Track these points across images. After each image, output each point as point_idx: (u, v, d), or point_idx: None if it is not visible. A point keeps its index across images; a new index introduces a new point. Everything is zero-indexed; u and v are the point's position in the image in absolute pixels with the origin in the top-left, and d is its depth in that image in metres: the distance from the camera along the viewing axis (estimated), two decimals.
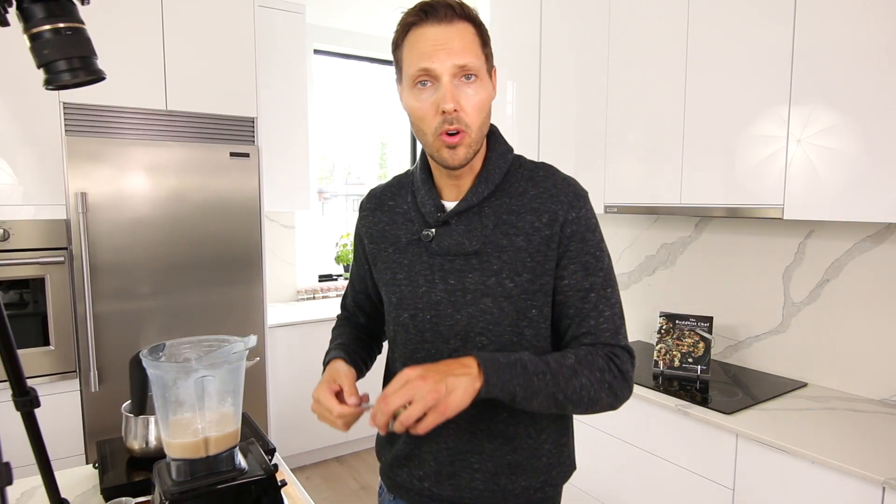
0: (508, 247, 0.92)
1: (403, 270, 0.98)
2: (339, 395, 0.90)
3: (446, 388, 0.77)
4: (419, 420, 0.77)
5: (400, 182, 1.07)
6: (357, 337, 1.14)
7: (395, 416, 0.78)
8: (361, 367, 1.08)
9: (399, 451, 1.04)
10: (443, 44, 0.85)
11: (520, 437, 0.97)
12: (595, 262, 0.93)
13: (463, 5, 0.88)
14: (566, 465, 1.04)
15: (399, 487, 1.06)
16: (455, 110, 0.85)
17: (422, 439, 0.99)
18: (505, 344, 0.92)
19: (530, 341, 0.94)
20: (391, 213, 1.03)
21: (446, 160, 0.90)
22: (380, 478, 1.13)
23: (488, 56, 0.91)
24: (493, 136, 0.99)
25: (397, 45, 0.91)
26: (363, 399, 0.91)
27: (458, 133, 0.87)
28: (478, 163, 0.96)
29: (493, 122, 0.99)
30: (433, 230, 0.96)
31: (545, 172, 0.97)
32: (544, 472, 0.99)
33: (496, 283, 0.91)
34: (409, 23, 0.88)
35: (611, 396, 0.90)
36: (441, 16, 0.85)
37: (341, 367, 0.96)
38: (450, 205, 0.97)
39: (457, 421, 0.92)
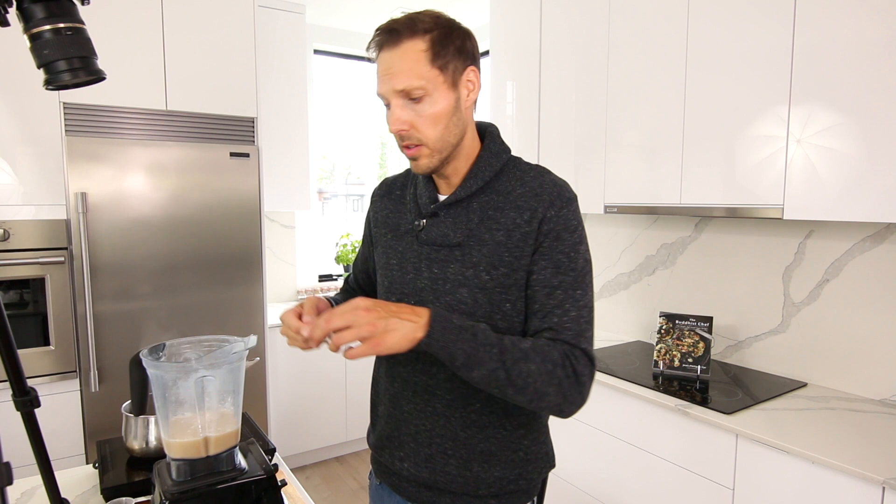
0: (489, 241, 0.95)
1: (397, 256, 1.05)
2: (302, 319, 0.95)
3: (385, 326, 0.81)
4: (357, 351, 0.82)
5: (408, 173, 1.13)
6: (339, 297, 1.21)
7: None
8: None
9: (381, 431, 1.09)
10: (386, 70, 0.91)
11: (492, 426, 0.99)
12: (567, 262, 0.93)
13: (413, 22, 0.90)
14: (543, 461, 1.05)
15: (383, 470, 1.11)
16: (403, 130, 0.92)
17: (402, 422, 1.04)
18: None
19: (503, 332, 0.95)
20: (396, 202, 1.10)
21: (413, 168, 0.98)
22: (370, 464, 1.18)
23: (445, 66, 0.91)
24: (490, 136, 1.03)
25: None
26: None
27: (415, 146, 0.94)
28: (466, 162, 1.00)
29: (495, 121, 0.99)
30: (424, 220, 1.01)
31: (536, 173, 1.00)
32: (519, 465, 1.01)
33: (474, 274, 0.95)
34: (374, 49, 0.94)
35: (559, 396, 0.88)
36: (389, 41, 0.90)
37: (312, 298, 1.00)
38: (445, 198, 1.02)
39: (434, 405, 1.00)
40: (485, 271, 0.94)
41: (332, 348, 0.82)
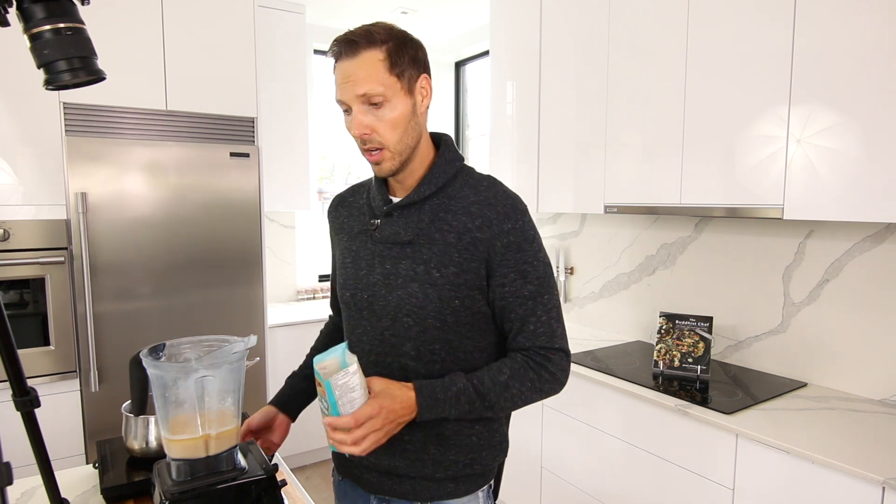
0: (439, 241, 1.02)
1: (351, 255, 1.11)
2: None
3: (393, 431, 0.96)
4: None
5: (360, 184, 1.21)
6: (325, 343, 1.32)
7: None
8: (293, 390, 1.25)
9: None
10: (347, 77, 0.96)
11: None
12: (532, 271, 1.02)
13: (370, 33, 0.96)
14: (497, 448, 1.12)
15: (344, 464, 1.16)
16: (365, 134, 0.98)
17: None
18: (428, 327, 1.02)
19: (452, 327, 1.03)
20: (349, 208, 1.17)
21: (375, 172, 1.05)
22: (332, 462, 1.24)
23: (401, 74, 0.98)
24: (445, 144, 1.10)
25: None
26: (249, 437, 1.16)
27: (377, 150, 1.00)
28: (421, 166, 1.06)
29: (493, 124, 1.02)
30: (378, 220, 1.08)
31: (488, 184, 1.07)
32: (473, 450, 1.08)
33: (424, 271, 1.02)
34: (333, 59, 1.00)
35: (540, 396, 1.04)
36: (348, 51, 0.96)
37: (264, 412, 1.18)
38: (399, 200, 1.08)
39: None
40: (435, 269, 1.01)
41: (344, 451, 0.93)
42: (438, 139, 1.11)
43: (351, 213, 1.16)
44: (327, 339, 1.32)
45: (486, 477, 1.11)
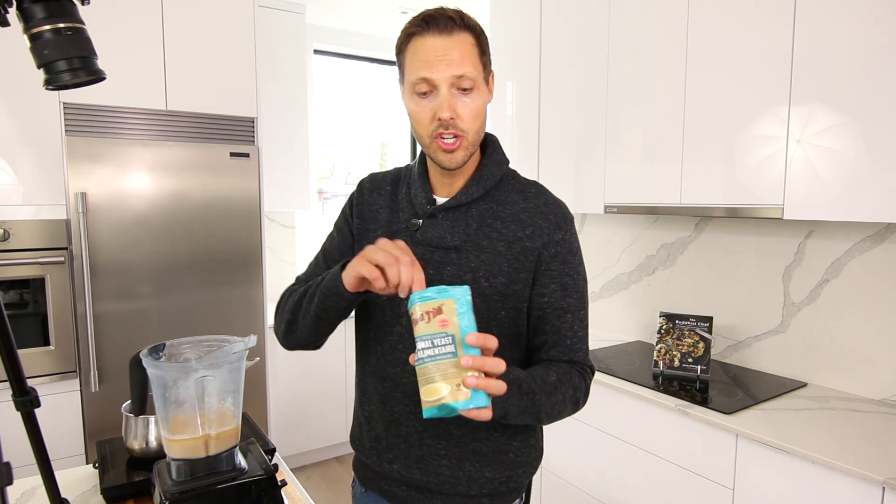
0: (488, 248, 0.97)
1: None
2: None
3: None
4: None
5: (399, 173, 1.11)
6: None
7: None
8: None
9: (369, 433, 1.07)
10: (443, 55, 0.89)
11: (484, 427, 1.00)
12: (573, 284, 0.99)
13: (464, 16, 0.92)
14: (533, 465, 1.09)
15: (370, 475, 1.09)
16: (452, 118, 0.90)
17: (392, 423, 1.02)
18: None
19: (498, 338, 0.95)
20: (386, 198, 1.07)
21: (443, 162, 0.94)
22: (353, 472, 1.15)
23: (486, 64, 0.95)
24: (492, 144, 1.05)
25: (400, 50, 0.96)
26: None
27: (455, 138, 0.92)
28: (472, 166, 1.01)
29: (493, 124, 1.01)
30: (420, 221, 1.00)
31: (537, 190, 1.03)
32: (510, 468, 1.03)
33: (472, 280, 0.95)
34: (412, 32, 0.92)
35: (574, 408, 0.98)
36: (442, 27, 0.89)
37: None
38: (441, 201, 1.02)
39: None
40: (483, 278, 0.96)
41: (472, 385, 0.73)
42: (484, 139, 1.05)
43: (389, 205, 1.06)
44: None
45: (518, 491, 1.08)
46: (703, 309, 2.31)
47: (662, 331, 2.14)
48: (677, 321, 2.12)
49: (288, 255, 3.69)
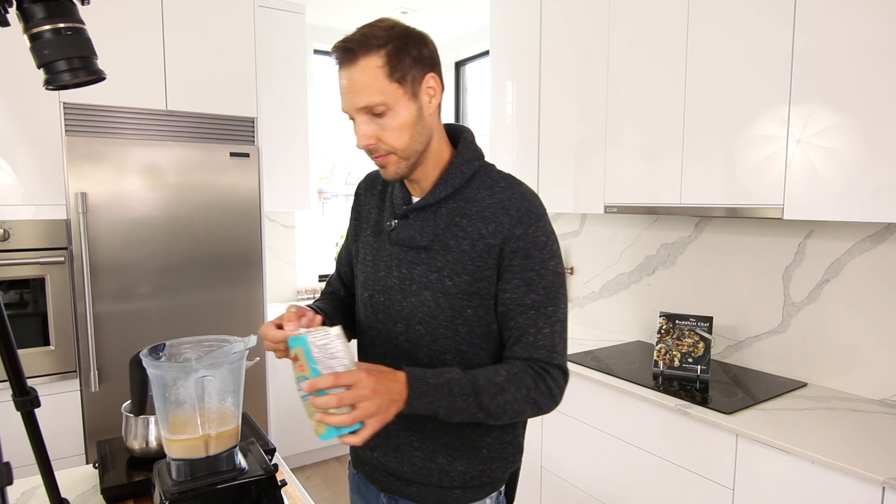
0: (454, 248, 0.98)
1: (372, 253, 1.08)
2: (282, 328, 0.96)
3: (384, 414, 0.83)
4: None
5: None
6: (334, 303, 1.19)
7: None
8: (333, 315, 1.13)
9: None
10: (348, 88, 0.92)
11: (456, 422, 1.00)
12: (538, 280, 0.96)
13: (368, 38, 0.90)
14: (509, 459, 1.09)
15: (357, 460, 1.16)
16: (370, 144, 0.94)
17: None
18: (439, 336, 0.99)
19: (464, 337, 0.99)
20: (377, 199, 1.12)
21: (384, 175, 1.00)
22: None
23: (403, 78, 0.92)
24: (464, 141, 1.04)
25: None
26: (307, 323, 0.96)
27: (384, 155, 0.96)
28: (436, 167, 1.01)
29: (493, 124, 1.00)
30: (395, 221, 1.04)
31: (506, 184, 1.01)
32: (483, 462, 1.05)
33: (437, 279, 0.98)
34: (336, 66, 0.95)
35: (535, 410, 0.97)
36: (345, 60, 0.91)
37: (295, 307, 1.00)
38: (417, 201, 1.04)
39: None
40: (448, 277, 0.97)
41: (331, 422, 0.80)
42: (457, 134, 1.05)
43: (378, 205, 1.11)
44: (334, 304, 1.18)
45: (495, 485, 1.08)
46: (703, 309, 2.31)
47: (662, 331, 2.14)
48: (677, 321, 2.12)
49: (288, 255, 3.69)
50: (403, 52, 0.92)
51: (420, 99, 0.95)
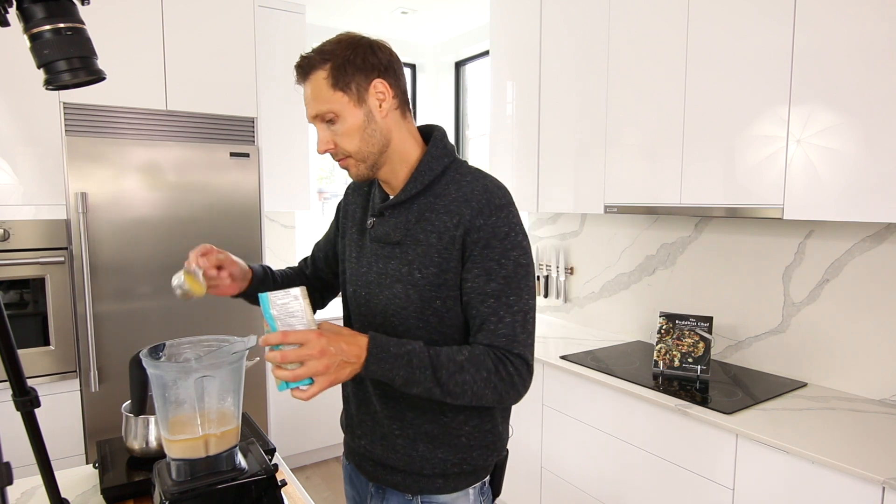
0: (423, 241, 1.02)
1: (356, 250, 1.14)
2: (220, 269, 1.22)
3: (336, 372, 0.87)
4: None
5: None
6: (291, 273, 1.34)
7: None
8: (281, 277, 1.31)
9: (347, 410, 1.20)
10: (306, 101, 1.02)
11: (434, 411, 1.06)
12: (498, 269, 0.98)
13: (317, 53, 0.99)
14: (490, 448, 1.11)
15: (348, 449, 1.22)
16: (329, 149, 1.03)
17: (363, 402, 1.14)
18: (411, 327, 1.03)
19: (435, 328, 1.03)
20: (362, 198, 1.19)
21: (350, 177, 1.08)
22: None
23: (347, 87, 0.98)
24: (434, 140, 1.08)
25: None
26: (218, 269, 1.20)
27: (343, 158, 1.04)
28: (404, 166, 1.06)
29: (493, 124, 1.01)
30: (374, 219, 1.10)
31: (472, 178, 1.05)
32: (463, 451, 1.08)
33: (408, 272, 1.03)
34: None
35: (495, 396, 0.98)
36: (300, 75, 1.02)
37: (204, 245, 1.18)
38: (390, 199, 1.10)
39: (383, 388, 1.08)
40: (417, 270, 1.02)
41: (279, 376, 0.85)
42: (429, 133, 1.10)
43: (362, 204, 1.18)
44: (293, 274, 1.35)
45: (477, 475, 1.11)
46: (703, 309, 2.31)
47: (662, 331, 2.14)
48: (677, 321, 2.12)
49: (288, 255, 3.69)
50: (347, 62, 0.98)
51: (368, 104, 1.00)
